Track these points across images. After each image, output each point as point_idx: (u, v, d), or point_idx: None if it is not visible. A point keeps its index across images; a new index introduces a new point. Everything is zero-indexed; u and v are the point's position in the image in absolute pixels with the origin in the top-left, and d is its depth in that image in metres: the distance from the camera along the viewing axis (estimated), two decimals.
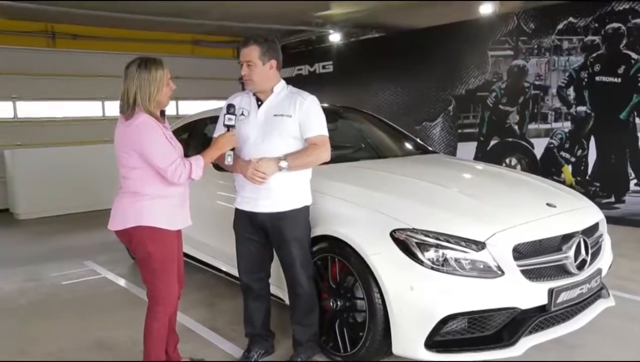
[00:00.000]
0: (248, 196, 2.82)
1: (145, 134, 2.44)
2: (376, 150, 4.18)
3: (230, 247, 3.07)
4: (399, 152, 4.25)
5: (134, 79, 2.48)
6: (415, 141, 4.47)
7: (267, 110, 2.79)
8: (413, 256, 2.57)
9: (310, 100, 2.79)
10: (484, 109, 7.27)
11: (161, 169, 2.46)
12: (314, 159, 2.75)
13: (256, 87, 2.78)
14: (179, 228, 2.69)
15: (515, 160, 7.02)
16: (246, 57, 2.73)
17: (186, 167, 2.51)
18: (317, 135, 2.75)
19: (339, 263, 2.88)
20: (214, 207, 3.73)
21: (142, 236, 2.52)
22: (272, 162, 2.67)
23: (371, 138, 4.38)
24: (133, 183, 2.53)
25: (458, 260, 2.56)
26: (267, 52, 2.73)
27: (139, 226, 2.51)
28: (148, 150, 2.45)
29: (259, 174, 2.66)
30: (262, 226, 2.83)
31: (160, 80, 2.50)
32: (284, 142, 2.73)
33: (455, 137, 7.63)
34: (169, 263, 2.60)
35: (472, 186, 3.39)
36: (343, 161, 3.50)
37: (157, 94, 2.50)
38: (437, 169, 3.70)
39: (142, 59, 2.53)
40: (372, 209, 2.81)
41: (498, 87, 7.09)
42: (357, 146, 4.19)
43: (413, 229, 2.62)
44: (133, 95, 2.48)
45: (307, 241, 2.86)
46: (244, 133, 2.79)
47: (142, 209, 2.51)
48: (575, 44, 6.30)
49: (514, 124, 6.98)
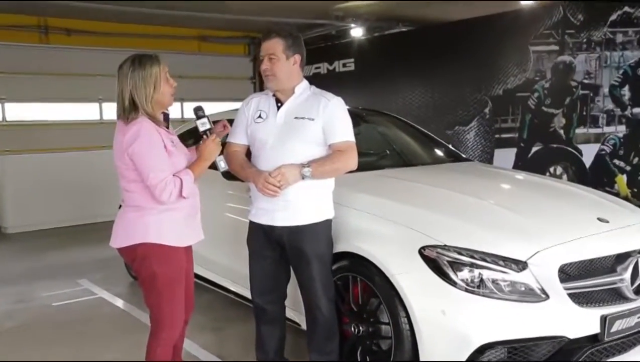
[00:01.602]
0: (264, 208, 2.85)
1: (140, 143, 2.46)
2: (403, 158, 4.20)
3: (240, 265, 3.10)
4: (429, 160, 4.26)
5: (127, 79, 2.52)
6: (446, 147, 4.48)
7: (288, 112, 2.84)
8: (445, 276, 2.57)
9: (336, 102, 2.83)
10: (525, 111, 7.23)
11: (149, 185, 2.48)
12: (340, 167, 2.79)
13: (278, 84, 2.82)
14: (190, 244, 2.71)
15: (561, 169, 6.96)
16: (269, 50, 2.79)
17: (176, 185, 2.51)
18: (343, 141, 2.79)
19: (361, 283, 2.89)
20: (222, 220, 3.77)
21: (148, 253, 2.54)
22: (295, 169, 2.70)
23: (397, 144, 4.40)
24: (136, 197, 2.56)
25: (496, 281, 2.55)
26: (291, 46, 2.79)
27: (144, 243, 2.54)
28: (139, 162, 2.47)
29: (269, 186, 2.68)
30: (279, 241, 2.86)
31: (157, 77, 2.53)
32: (306, 148, 2.77)
33: (491, 143, 7.60)
34: (176, 284, 2.62)
35: (512, 197, 3.39)
36: (366, 170, 3.52)
37: (155, 92, 2.53)
38: (472, 179, 3.71)
39: (135, 56, 2.57)
40: (399, 224, 2.82)
41: (541, 87, 7.06)
42: (382, 153, 4.22)
43: (444, 246, 2.63)
44: (129, 97, 2.51)
45: (328, 259, 2.88)
46: (261, 137, 2.83)
47: (148, 225, 2.54)
48: (630, 37, 6.25)
49: (560, 128, 6.94)
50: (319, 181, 2.80)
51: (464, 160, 4.33)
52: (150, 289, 2.61)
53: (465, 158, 4.41)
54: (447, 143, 4.58)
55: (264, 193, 2.73)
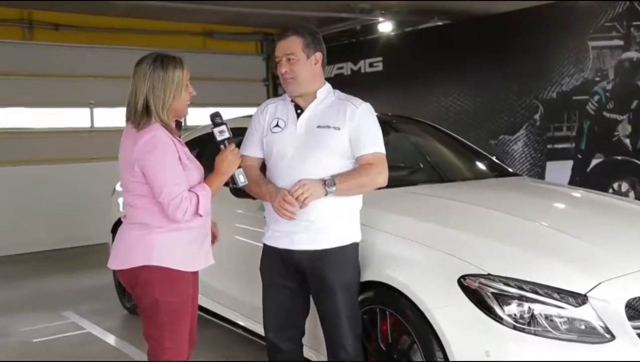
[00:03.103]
0: (281, 230, 2.88)
1: (154, 154, 2.51)
2: (439, 172, 4.21)
3: (252, 296, 3.13)
4: (469, 175, 4.27)
5: (145, 78, 2.57)
6: (490, 160, 4.48)
7: (309, 120, 2.88)
8: (489, 311, 2.57)
9: (364, 108, 2.88)
10: (583, 117, 7.19)
11: (162, 202, 2.52)
12: (368, 182, 2.81)
13: (300, 87, 2.87)
14: (198, 269, 2.75)
15: (626, 185, 6.89)
16: (286, 50, 2.84)
17: (192, 202, 2.56)
18: (372, 153, 2.82)
19: (391, 318, 2.90)
20: (231, 243, 3.80)
21: (151, 278, 2.58)
22: (317, 184, 2.72)
23: (432, 156, 4.42)
24: (142, 213, 2.61)
25: (550, 317, 2.54)
26: (311, 43, 2.85)
27: (147, 265, 2.58)
28: (152, 176, 2.53)
29: (286, 206, 2.69)
30: (298, 268, 2.88)
31: (179, 83, 2.60)
32: (330, 161, 2.80)
33: (543, 155, 7.56)
34: (181, 314, 2.65)
35: (568, 219, 3.38)
36: (396, 186, 3.53)
37: (174, 100, 2.60)
38: (520, 197, 3.70)
39: (157, 55, 2.63)
40: (435, 249, 2.83)
41: (602, 89, 7.02)
42: (415, 166, 4.24)
43: (488, 276, 2.63)
44: (143, 99, 2.57)
45: (355, 289, 2.89)
46: (279, 149, 2.87)
47: (153, 245, 2.58)
48: None
49: (625, 136, 6.88)
50: (346, 199, 2.82)
51: (510, 175, 4.33)
52: (151, 319, 2.64)
53: (512, 172, 4.41)
54: (490, 155, 4.59)
55: (280, 214, 2.75)
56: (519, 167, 7.61)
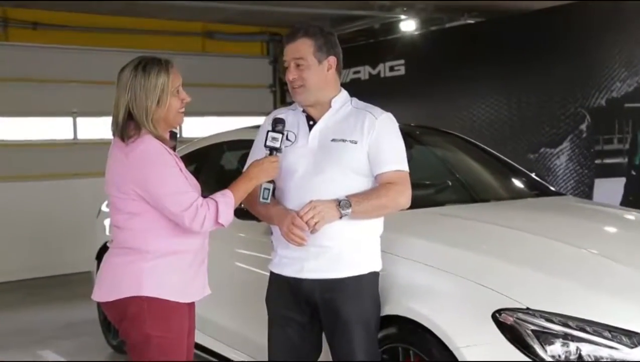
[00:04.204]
0: (290, 256, 2.88)
1: (152, 166, 2.55)
2: (469, 190, 4.22)
3: (255, 331, 3.13)
4: (504, 194, 4.28)
5: (126, 87, 2.61)
6: (528, 177, 4.48)
7: (323, 132, 2.89)
8: (528, 351, 2.56)
9: (384, 119, 2.89)
10: (637, 128, 7.16)
11: (175, 214, 2.55)
12: (388, 203, 2.82)
13: (309, 96, 2.89)
14: (194, 300, 2.76)
15: None
16: (295, 54, 2.86)
17: (210, 208, 2.58)
18: (394, 171, 2.83)
19: (415, 358, 2.88)
20: (230, 270, 3.81)
21: (141, 311, 2.58)
22: (330, 205, 2.73)
23: (462, 172, 4.42)
24: (132, 236, 2.62)
25: (600, 359, 2.52)
26: (323, 46, 2.86)
27: (136, 296, 2.58)
28: (157, 189, 2.55)
29: (295, 231, 2.70)
30: (309, 300, 2.88)
31: (163, 89, 2.62)
32: (346, 179, 2.81)
33: (591, 171, 7.53)
34: (174, 352, 2.65)
35: (620, 245, 3.36)
36: (421, 206, 3.53)
37: (158, 108, 2.62)
38: (564, 219, 3.69)
39: (141, 59, 2.67)
40: (466, 279, 2.83)
41: None
42: (442, 184, 4.25)
43: (527, 310, 2.62)
44: (125, 109, 2.61)
45: (375, 324, 2.89)
46: (288, 165, 2.88)
47: (143, 273, 2.59)
48: None
49: None
50: (363, 222, 2.83)
51: (553, 195, 4.33)
52: (140, 357, 2.64)
53: (554, 191, 4.42)
54: (529, 171, 4.58)
55: (288, 240, 2.76)
56: (563, 185, 7.58)
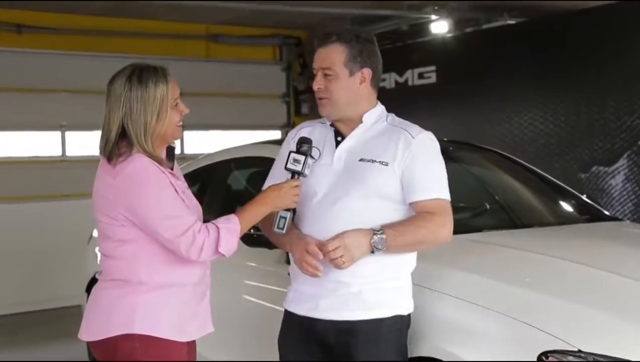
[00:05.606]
0: (305, 291, 2.89)
1: (143, 187, 2.59)
2: (511, 215, 4.25)
3: None
4: (551, 218, 4.29)
5: (120, 101, 2.65)
6: (579, 199, 4.49)
7: (351, 151, 2.91)
8: None
9: (423, 139, 2.89)
10: None
11: (170, 241, 2.59)
12: (428, 237, 2.82)
13: (335, 111, 2.91)
14: (194, 338, 2.80)
15: None
16: (323, 62, 2.89)
17: (210, 234, 2.61)
18: (432, 199, 2.82)
19: None
20: (238, 305, 3.85)
21: (133, 351, 2.62)
22: (362, 237, 2.71)
23: (502, 194, 4.44)
24: (122, 266, 2.67)
25: None
26: (358, 55, 2.86)
27: (128, 334, 2.62)
28: (147, 213, 2.59)
29: (309, 260, 2.72)
30: (322, 342, 2.88)
31: (163, 101, 2.67)
32: (373, 207, 2.81)
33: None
34: None
35: None
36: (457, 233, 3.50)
37: (158, 123, 2.67)
38: (620, 248, 3.71)
39: (134, 68, 2.71)
40: (508, 316, 2.84)
41: None
42: (479, 207, 4.26)
43: (579, 353, 2.63)
44: (118, 126, 2.65)
45: None
46: (307, 186, 2.87)
47: (136, 308, 2.64)
48: None
49: None
50: (394, 256, 2.82)
51: (607, 219, 4.33)
52: None
53: (609, 216, 4.41)
54: (579, 193, 4.59)
55: (300, 268, 2.80)
56: (619, 208, 7.53)
